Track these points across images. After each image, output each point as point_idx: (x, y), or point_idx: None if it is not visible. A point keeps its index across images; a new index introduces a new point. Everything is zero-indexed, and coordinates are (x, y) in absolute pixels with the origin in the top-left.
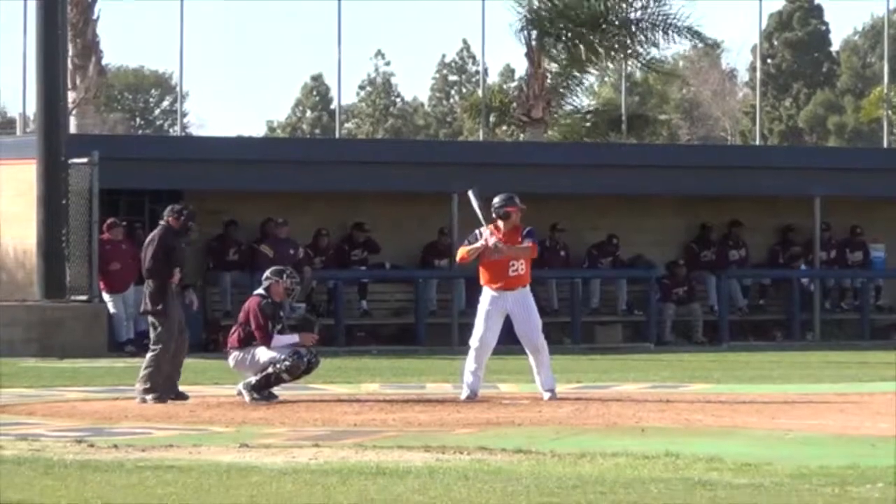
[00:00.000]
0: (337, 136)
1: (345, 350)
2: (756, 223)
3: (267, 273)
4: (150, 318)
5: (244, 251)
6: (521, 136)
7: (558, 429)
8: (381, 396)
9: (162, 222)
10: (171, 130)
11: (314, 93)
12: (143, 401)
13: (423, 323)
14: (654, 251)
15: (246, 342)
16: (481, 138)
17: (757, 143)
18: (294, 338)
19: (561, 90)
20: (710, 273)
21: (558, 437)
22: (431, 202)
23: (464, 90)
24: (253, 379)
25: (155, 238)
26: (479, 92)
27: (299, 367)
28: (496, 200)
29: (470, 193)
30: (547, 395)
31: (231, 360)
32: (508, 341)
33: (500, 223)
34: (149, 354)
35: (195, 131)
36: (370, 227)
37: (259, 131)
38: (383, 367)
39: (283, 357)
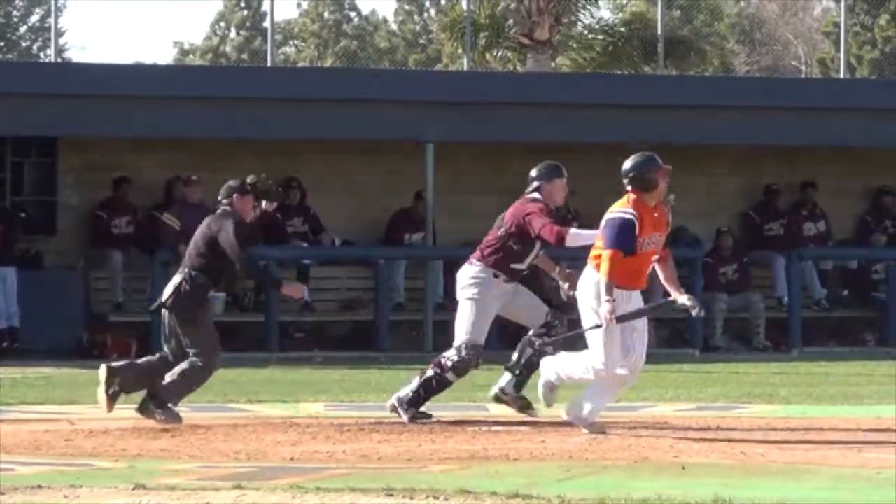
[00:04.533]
0: (269, 63)
1: (278, 357)
2: (840, 185)
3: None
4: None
5: (142, 221)
6: (520, 64)
7: (568, 465)
8: (327, 420)
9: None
10: (41, 55)
11: (241, 5)
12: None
13: (385, 320)
14: (700, 223)
15: None
16: (465, 67)
17: (842, 75)
18: None
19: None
20: (776, 253)
21: (568, 477)
22: (400, 155)
23: (442, 2)
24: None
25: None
26: (463, 3)
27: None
28: (629, 164)
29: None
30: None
31: None
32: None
33: (633, 196)
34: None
35: (76, 57)
36: (310, 187)
37: (165, 57)
38: (330, 381)
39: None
